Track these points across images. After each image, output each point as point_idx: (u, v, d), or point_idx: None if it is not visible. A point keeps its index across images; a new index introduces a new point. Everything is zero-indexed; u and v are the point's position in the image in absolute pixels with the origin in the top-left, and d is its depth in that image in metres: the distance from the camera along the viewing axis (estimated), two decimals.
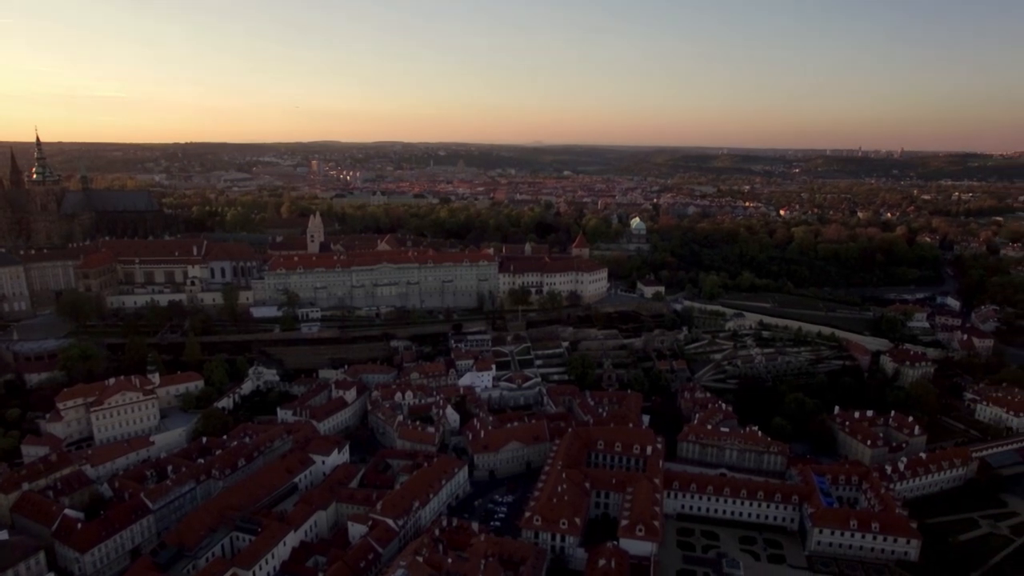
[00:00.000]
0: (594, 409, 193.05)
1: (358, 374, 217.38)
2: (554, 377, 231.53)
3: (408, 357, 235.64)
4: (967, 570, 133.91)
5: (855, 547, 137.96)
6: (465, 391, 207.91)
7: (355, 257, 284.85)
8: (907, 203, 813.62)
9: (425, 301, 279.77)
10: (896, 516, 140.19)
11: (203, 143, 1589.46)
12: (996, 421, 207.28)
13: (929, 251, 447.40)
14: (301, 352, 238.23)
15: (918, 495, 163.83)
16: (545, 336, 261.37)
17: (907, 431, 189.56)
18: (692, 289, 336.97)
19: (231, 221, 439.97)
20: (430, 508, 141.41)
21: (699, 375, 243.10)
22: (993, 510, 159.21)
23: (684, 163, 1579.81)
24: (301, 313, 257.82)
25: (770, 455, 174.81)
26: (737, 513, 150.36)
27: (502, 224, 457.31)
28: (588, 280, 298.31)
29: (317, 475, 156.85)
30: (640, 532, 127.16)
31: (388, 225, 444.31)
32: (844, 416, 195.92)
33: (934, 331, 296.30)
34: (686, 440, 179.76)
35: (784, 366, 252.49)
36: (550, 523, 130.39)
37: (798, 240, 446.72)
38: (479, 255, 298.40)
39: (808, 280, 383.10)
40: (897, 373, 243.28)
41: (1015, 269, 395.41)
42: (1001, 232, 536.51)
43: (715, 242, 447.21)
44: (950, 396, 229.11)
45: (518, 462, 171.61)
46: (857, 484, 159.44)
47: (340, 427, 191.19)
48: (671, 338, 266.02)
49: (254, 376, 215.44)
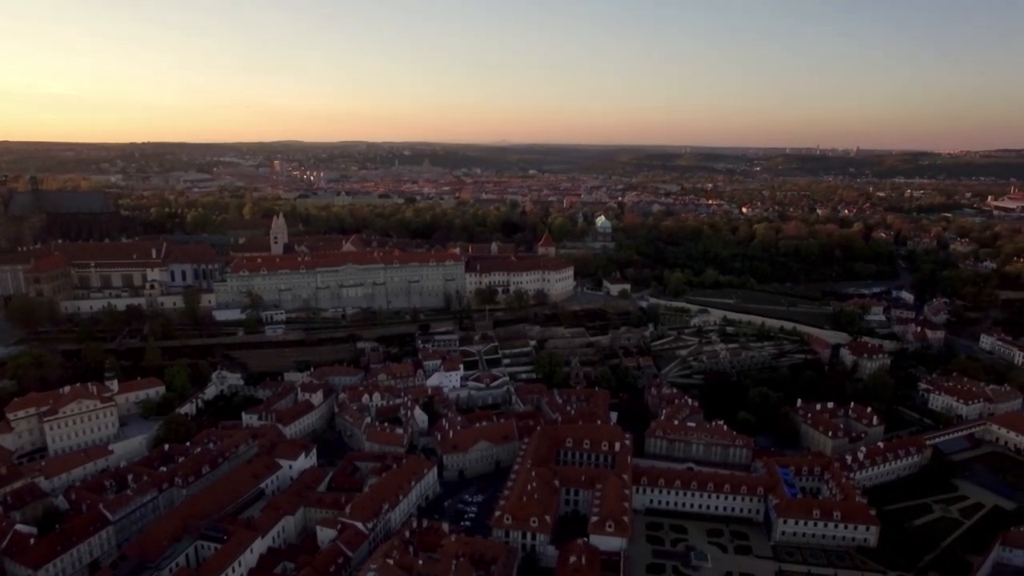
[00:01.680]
0: (562, 407, 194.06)
1: (324, 376, 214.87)
2: (522, 376, 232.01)
3: (375, 358, 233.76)
4: (922, 553, 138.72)
5: (818, 536, 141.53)
6: (433, 391, 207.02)
7: (320, 258, 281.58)
8: (863, 200, 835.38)
9: (392, 302, 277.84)
10: (856, 504, 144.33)
11: (161, 143, 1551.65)
12: (947, 409, 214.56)
13: (884, 247, 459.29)
14: (266, 355, 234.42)
15: (877, 483, 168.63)
16: (512, 335, 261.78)
17: (866, 421, 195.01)
18: (657, 286, 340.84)
19: (191, 223, 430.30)
20: (400, 510, 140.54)
21: (665, 371, 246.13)
22: (945, 495, 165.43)
23: (648, 162, 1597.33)
24: (265, 316, 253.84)
25: (736, 448, 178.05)
26: (704, 506, 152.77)
27: (468, 224, 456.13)
28: (555, 279, 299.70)
29: (284, 480, 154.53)
30: (610, 528, 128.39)
31: (353, 226, 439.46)
32: (806, 408, 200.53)
33: (890, 324, 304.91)
34: (654, 436, 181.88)
35: (748, 361, 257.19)
36: (521, 522, 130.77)
37: (760, 237, 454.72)
38: (445, 255, 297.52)
39: (770, 276, 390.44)
40: (856, 365, 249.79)
41: (963, 263, 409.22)
42: (950, 228, 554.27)
43: (679, 240, 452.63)
44: (905, 386, 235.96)
45: (487, 461, 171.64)
46: (819, 474, 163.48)
47: (307, 430, 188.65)
48: (637, 335, 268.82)
49: (217, 380, 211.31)
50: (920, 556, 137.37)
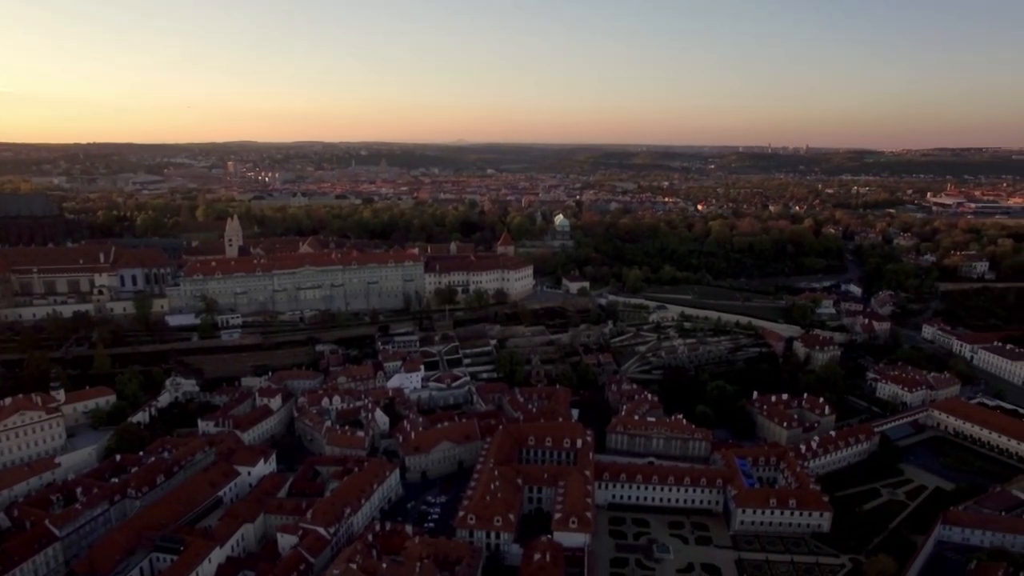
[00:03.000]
0: (524, 405, 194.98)
1: (283, 380, 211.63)
2: (483, 375, 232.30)
3: (334, 361, 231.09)
4: (871, 535, 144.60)
5: (775, 523, 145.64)
6: (394, 393, 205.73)
7: (276, 260, 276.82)
8: (813, 197, 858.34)
9: (350, 303, 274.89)
10: (811, 492, 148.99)
11: (107, 143, 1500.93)
12: (894, 397, 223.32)
13: (833, 242, 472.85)
14: (222, 360, 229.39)
15: (829, 470, 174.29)
16: (473, 335, 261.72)
17: (818, 412, 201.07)
18: (616, 284, 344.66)
19: (142, 226, 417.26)
20: (362, 513, 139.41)
21: (625, 367, 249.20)
22: (892, 479, 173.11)
23: (605, 160, 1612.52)
24: (221, 320, 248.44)
25: (695, 441, 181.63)
26: (665, 499, 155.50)
27: (427, 224, 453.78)
28: (514, 278, 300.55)
29: (243, 487, 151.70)
30: (573, 524, 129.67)
31: (310, 227, 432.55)
32: (762, 400, 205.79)
33: (839, 316, 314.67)
34: (615, 431, 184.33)
35: (705, 355, 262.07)
36: (484, 521, 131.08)
37: (715, 233, 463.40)
38: (404, 255, 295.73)
39: (725, 272, 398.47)
40: (808, 357, 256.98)
41: (906, 257, 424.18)
42: (894, 223, 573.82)
43: (637, 237, 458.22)
44: (855, 376, 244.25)
45: (450, 462, 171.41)
46: (775, 464, 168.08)
47: (266, 436, 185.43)
48: (597, 332, 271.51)
49: (172, 387, 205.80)
50: (870, 538, 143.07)
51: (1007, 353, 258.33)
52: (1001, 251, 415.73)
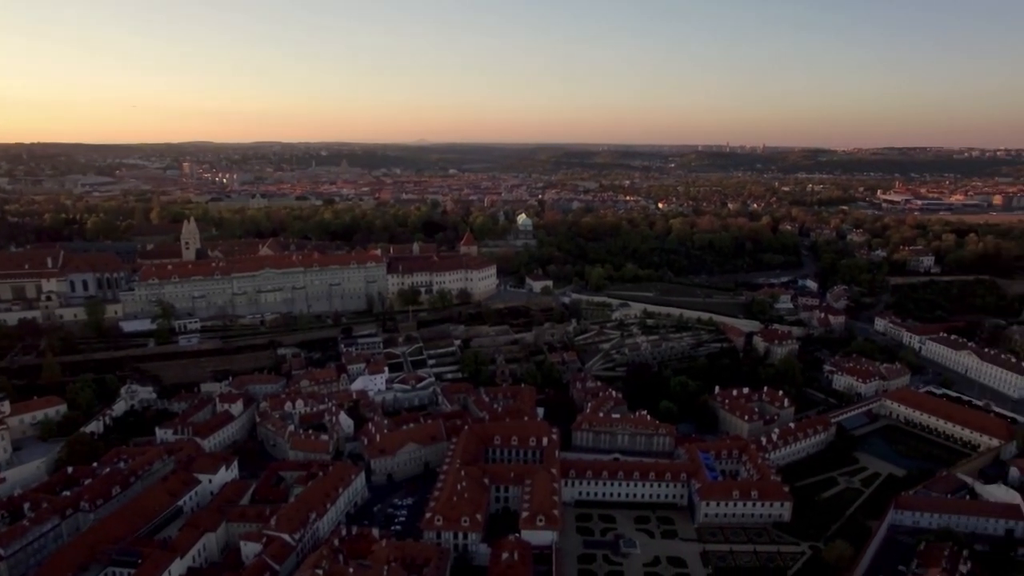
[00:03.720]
0: (489, 405, 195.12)
1: (244, 385, 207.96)
2: (448, 376, 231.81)
3: (297, 364, 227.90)
4: (829, 523, 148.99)
5: (738, 515, 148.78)
6: (358, 395, 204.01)
7: (235, 263, 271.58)
8: (770, 195, 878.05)
9: (312, 306, 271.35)
10: (772, 483, 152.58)
11: (53, 143, 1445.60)
12: (849, 389, 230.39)
13: (790, 238, 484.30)
14: (180, 366, 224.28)
15: (789, 461, 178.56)
16: (437, 335, 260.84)
17: (778, 404, 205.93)
18: (579, 282, 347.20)
19: (92, 229, 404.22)
20: (328, 518, 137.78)
21: (589, 365, 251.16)
22: (848, 467, 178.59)
23: (567, 159, 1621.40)
24: (178, 325, 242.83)
25: (659, 437, 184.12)
26: (631, 495, 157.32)
27: (389, 224, 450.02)
28: (477, 277, 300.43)
29: (204, 495, 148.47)
30: (540, 522, 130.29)
31: (270, 229, 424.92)
32: (724, 395, 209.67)
33: (797, 311, 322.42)
34: (580, 429, 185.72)
35: (668, 351, 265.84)
36: (452, 522, 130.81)
37: (676, 231, 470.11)
38: (366, 256, 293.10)
39: (686, 269, 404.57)
40: (768, 351, 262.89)
41: (859, 253, 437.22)
42: (847, 220, 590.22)
43: (599, 235, 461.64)
44: (812, 369, 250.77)
45: (416, 463, 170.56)
46: (737, 457, 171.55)
47: (227, 442, 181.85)
48: (561, 331, 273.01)
49: (127, 395, 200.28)
50: (828, 526, 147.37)
51: (951, 343, 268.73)
52: (945, 246, 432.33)
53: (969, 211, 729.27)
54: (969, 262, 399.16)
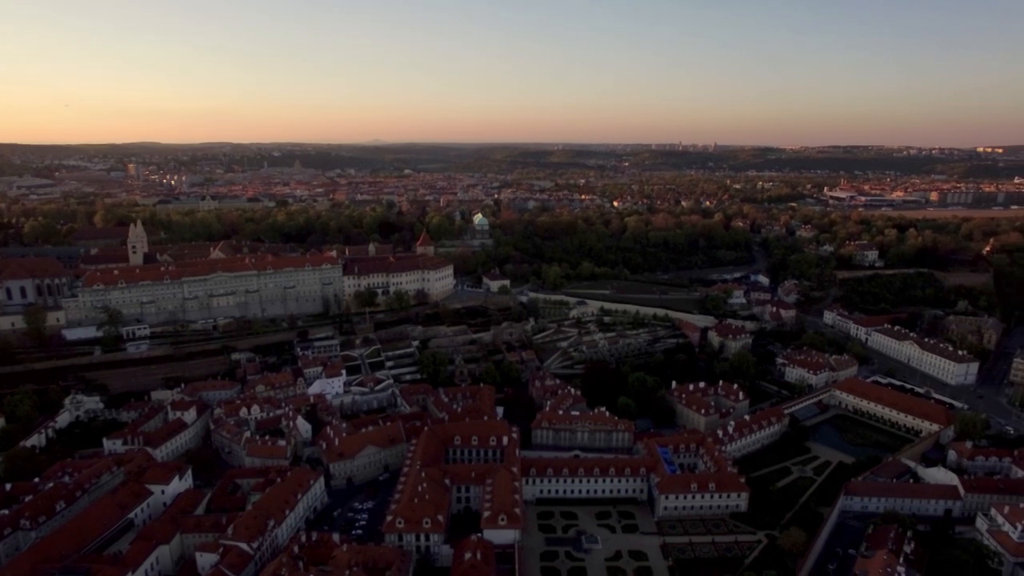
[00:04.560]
0: (448, 405, 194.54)
1: (197, 392, 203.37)
2: (406, 377, 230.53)
3: (252, 369, 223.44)
4: (784, 511, 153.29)
5: (697, 507, 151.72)
6: (316, 399, 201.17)
7: (186, 267, 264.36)
8: (722, 192, 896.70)
9: (267, 309, 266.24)
10: (729, 474, 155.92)
11: None
12: (800, 380, 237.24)
13: (742, 235, 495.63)
14: (129, 374, 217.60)
15: (745, 453, 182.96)
16: (394, 337, 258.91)
17: (733, 398, 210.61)
18: (536, 281, 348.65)
19: (30, 233, 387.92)
20: (287, 525, 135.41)
21: (548, 363, 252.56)
22: (801, 457, 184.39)
23: (522, 159, 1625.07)
24: (126, 331, 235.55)
25: (618, 433, 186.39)
26: (592, 491, 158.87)
27: (344, 225, 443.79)
28: (434, 278, 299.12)
29: (156, 506, 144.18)
30: (502, 521, 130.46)
31: (221, 232, 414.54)
32: (680, 390, 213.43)
33: (750, 306, 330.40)
34: (540, 427, 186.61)
35: (626, 348, 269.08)
36: (413, 524, 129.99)
37: (631, 229, 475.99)
38: (321, 258, 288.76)
39: (642, 266, 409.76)
40: (722, 346, 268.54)
41: (808, 248, 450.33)
42: (796, 216, 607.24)
43: (555, 234, 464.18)
44: (765, 362, 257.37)
45: (376, 466, 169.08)
46: (695, 450, 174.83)
47: (180, 451, 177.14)
48: (519, 330, 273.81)
49: (72, 406, 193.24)
50: (782, 514, 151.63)
51: (895, 334, 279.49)
52: (887, 240, 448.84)
53: (909, 207, 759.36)
54: (909, 256, 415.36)
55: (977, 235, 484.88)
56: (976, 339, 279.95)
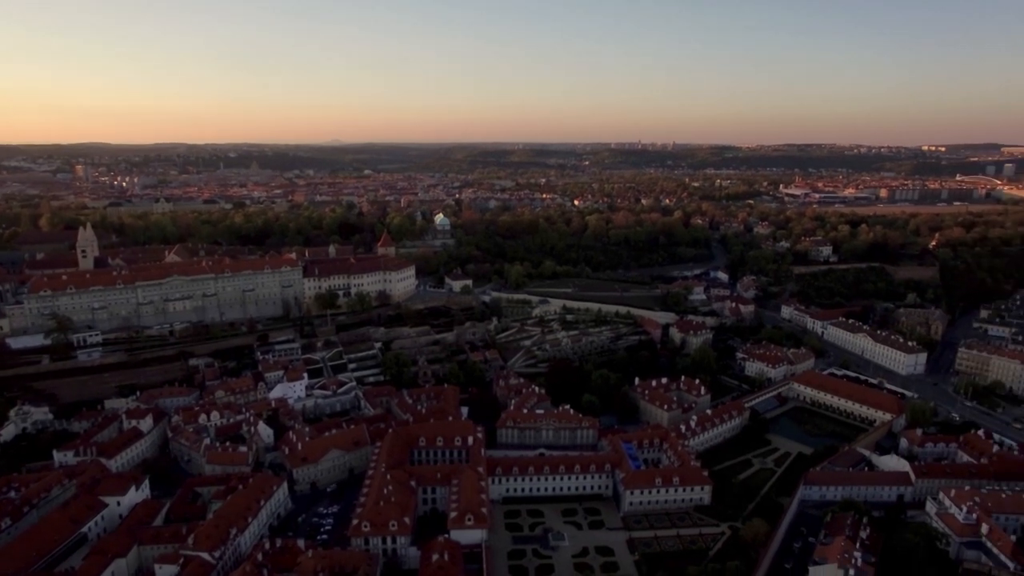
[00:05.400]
0: (413, 407, 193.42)
1: (153, 400, 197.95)
2: (369, 379, 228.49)
3: (211, 375, 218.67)
4: (746, 503, 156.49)
5: (661, 501, 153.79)
6: (277, 404, 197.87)
7: (140, 271, 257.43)
8: (681, 190, 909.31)
9: (225, 313, 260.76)
10: (692, 468, 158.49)
11: None
12: (760, 374, 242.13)
13: (701, 232, 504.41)
14: (80, 383, 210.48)
15: (707, 447, 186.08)
16: (357, 339, 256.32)
17: (695, 392, 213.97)
18: (499, 280, 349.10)
19: None
20: (250, 532, 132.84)
21: (512, 362, 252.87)
22: (761, 449, 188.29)
23: (483, 158, 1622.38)
24: (77, 339, 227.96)
25: (582, 430, 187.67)
26: (558, 488, 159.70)
27: (303, 227, 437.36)
28: (396, 279, 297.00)
29: (112, 519, 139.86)
30: (469, 521, 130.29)
31: (176, 234, 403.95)
32: (643, 386, 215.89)
33: (710, 302, 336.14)
34: (505, 426, 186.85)
35: (588, 346, 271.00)
36: (379, 527, 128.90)
37: (592, 228, 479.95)
38: (281, 260, 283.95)
39: (603, 264, 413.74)
40: (683, 342, 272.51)
41: (765, 244, 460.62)
42: (753, 213, 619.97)
43: (517, 233, 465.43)
44: (726, 357, 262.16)
45: (340, 470, 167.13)
46: (659, 445, 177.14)
47: (136, 461, 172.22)
48: (482, 329, 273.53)
49: (18, 418, 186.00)
50: (745, 506, 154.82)
51: (849, 327, 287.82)
52: (841, 236, 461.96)
53: (860, 203, 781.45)
54: (861, 251, 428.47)
55: (924, 230, 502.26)
56: (924, 330, 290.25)
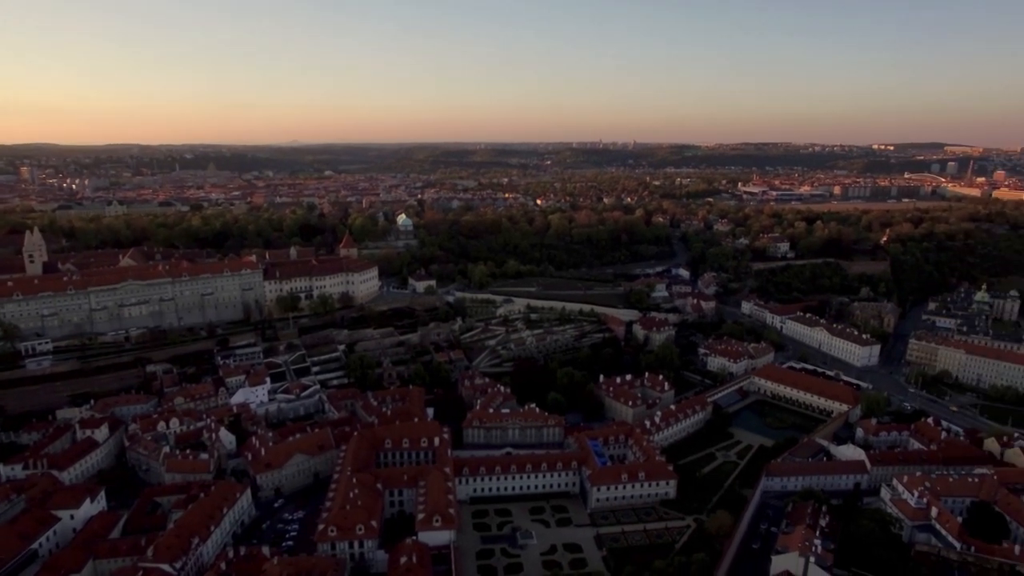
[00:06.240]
0: (378, 409, 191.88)
1: (109, 408, 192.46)
2: (333, 382, 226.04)
3: (169, 381, 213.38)
4: (710, 495, 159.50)
5: (628, 496, 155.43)
6: (239, 409, 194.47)
7: (92, 276, 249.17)
8: (642, 188, 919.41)
9: (184, 318, 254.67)
10: (657, 463, 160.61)
11: None
12: (722, 369, 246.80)
13: (662, 230, 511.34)
14: (28, 393, 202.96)
15: (672, 441, 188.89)
16: (320, 341, 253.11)
17: (659, 389, 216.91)
18: (462, 280, 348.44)
19: None
20: (212, 541, 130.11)
21: (477, 362, 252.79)
22: (725, 442, 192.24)
23: (445, 158, 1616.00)
24: (25, 347, 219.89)
25: (548, 428, 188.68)
26: (525, 487, 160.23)
27: (263, 229, 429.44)
28: (359, 280, 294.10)
29: (65, 533, 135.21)
30: (437, 522, 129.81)
31: (131, 238, 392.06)
32: (608, 383, 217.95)
33: (672, 299, 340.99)
34: (471, 426, 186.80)
35: (553, 344, 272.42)
36: (346, 531, 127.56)
37: (555, 227, 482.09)
38: (240, 263, 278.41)
39: (566, 263, 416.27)
40: (647, 339, 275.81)
41: (725, 241, 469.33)
42: (713, 211, 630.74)
43: (480, 233, 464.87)
44: (688, 353, 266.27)
45: (305, 475, 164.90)
46: (624, 441, 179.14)
47: (91, 472, 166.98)
48: (447, 330, 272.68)
49: None
50: (709, 498, 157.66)
51: (807, 321, 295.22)
52: (797, 232, 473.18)
53: (815, 200, 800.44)
54: (817, 247, 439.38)
55: (875, 226, 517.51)
56: (877, 323, 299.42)
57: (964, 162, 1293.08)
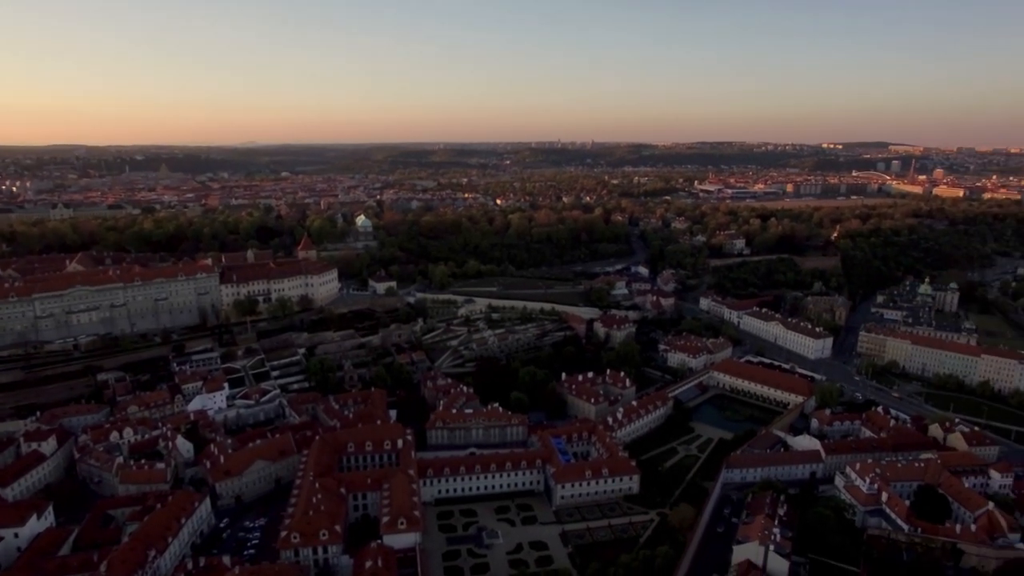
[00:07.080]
0: (340, 412, 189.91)
1: (57, 419, 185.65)
2: (294, 386, 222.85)
3: (122, 389, 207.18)
4: (673, 489, 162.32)
5: (592, 493, 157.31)
6: (196, 416, 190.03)
7: (36, 282, 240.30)
8: (601, 187, 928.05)
9: (136, 324, 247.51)
10: (620, 459, 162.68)
11: None
12: (682, 364, 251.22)
13: (621, 228, 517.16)
14: None
15: (634, 437, 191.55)
16: (279, 345, 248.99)
17: (620, 385, 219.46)
18: (423, 281, 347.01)
19: None
20: (170, 553, 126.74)
21: (439, 363, 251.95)
22: (685, 437, 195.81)
23: (404, 159, 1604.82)
24: None
25: (512, 427, 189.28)
26: (490, 487, 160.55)
27: (219, 232, 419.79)
28: (318, 282, 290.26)
29: (9, 553, 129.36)
30: (402, 525, 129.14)
31: (78, 242, 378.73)
32: (570, 381, 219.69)
33: (632, 296, 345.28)
34: (434, 427, 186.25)
35: (515, 343, 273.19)
36: (309, 537, 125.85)
37: (515, 226, 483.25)
38: (195, 267, 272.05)
39: (527, 262, 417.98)
40: (608, 336, 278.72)
41: (682, 239, 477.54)
42: (670, 209, 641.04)
43: (440, 233, 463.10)
44: (649, 349, 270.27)
45: (266, 481, 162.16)
46: (587, 438, 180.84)
47: (38, 487, 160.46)
48: (408, 331, 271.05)
49: None
50: (672, 492, 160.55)
51: (762, 316, 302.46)
52: (752, 230, 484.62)
53: (769, 198, 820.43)
54: (771, 243, 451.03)
55: (826, 222, 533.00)
56: (829, 316, 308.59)
57: (907, 161, 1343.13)
